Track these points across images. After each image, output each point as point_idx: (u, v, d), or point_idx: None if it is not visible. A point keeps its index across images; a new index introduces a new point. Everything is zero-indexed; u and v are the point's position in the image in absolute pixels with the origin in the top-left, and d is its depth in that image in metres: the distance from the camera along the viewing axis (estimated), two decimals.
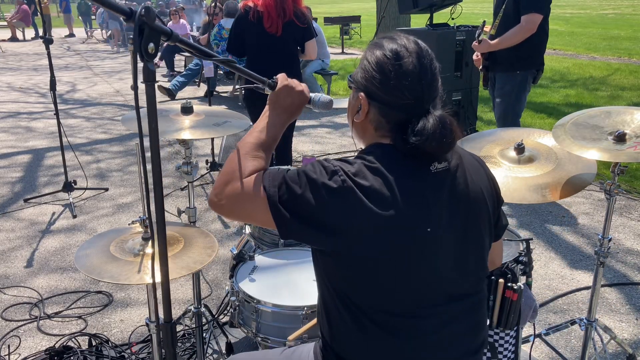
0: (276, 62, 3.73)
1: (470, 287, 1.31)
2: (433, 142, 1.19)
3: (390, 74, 1.23)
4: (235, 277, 2.04)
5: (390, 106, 1.24)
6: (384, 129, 1.26)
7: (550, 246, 3.58)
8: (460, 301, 1.29)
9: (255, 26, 3.69)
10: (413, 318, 1.24)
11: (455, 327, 1.28)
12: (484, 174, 1.37)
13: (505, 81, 4.01)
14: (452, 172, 1.27)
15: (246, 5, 3.75)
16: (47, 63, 4.12)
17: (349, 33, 16.12)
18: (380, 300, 1.23)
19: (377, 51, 1.27)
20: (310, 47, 3.85)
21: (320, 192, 1.19)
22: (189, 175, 2.21)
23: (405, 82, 1.22)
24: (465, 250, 1.28)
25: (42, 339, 2.67)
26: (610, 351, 2.52)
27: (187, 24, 10.68)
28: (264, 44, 3.73)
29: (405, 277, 1.21)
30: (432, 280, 1.24)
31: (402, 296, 1.23)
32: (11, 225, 3.99)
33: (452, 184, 1.26)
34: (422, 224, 1.21)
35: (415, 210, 1.20)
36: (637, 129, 1.93)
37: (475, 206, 1.30)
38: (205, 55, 1.32)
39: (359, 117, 1.29)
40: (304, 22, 3.74)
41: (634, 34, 14.82)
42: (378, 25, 7.01)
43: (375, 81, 1.25)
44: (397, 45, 1.26)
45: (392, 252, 1.19)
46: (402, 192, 1.19)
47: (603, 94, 7.99)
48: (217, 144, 5.28)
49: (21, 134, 6.52)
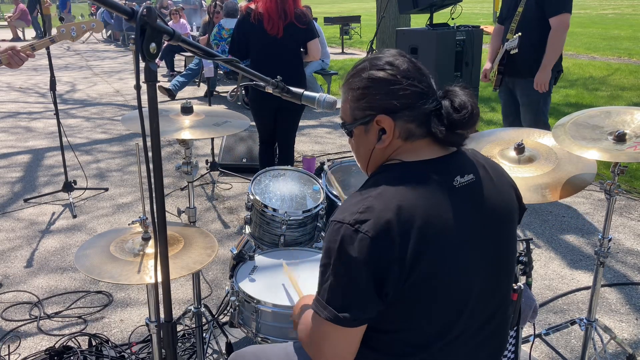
0: (279, 64, 3.73)
1: (496, 306, 1.30)
2: (475, 110, 1.22)
3: (396, 77, 1.22)
4: (235, 277, 2.04)
5: (412, 105, 1.21)
6: (417, 133, 1.23)
7: (550, 246, 3.58)
8: (487, 323, 1.28)
9: (257, 28, 3.68)
10: (447, 343, 1.22)
11: (482, 346, 1.28)
12: (507, 182, 1.35)
13: (530, 89, 3.88)
14: (479, 185, 1.24)
15: (248, 8, 3.74)
16: (47, 63, 4.12)
17: (349, 33, 16.12)
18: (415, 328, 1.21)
19: (365, 74, 1.25)
20: (313, 47, 3.83)
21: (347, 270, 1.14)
22: (189, 175, 2.21)
23: (411, 75, 1.23)
24: (496, 268, 1.26)
25: (42, 339, 2.67)
26: (610, 351, 2.52)
27: (187, 24, 10.68)
28: (265, 46, 3.73)
29: (438, 304, 1.19)
30: (464, 302, 1.22)
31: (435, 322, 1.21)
32: (11, 225, 3.99)
33: (480, 199, 1.23)
34: (452, 247, 1.17)
35: (445, 233, 1.16)
36: (637, 129, 1.93)
37: (506, 219, 1.28)
38: (207, 54, 1.32)
39: (383, 142, 1.24)
40: (305, 22, 3.73)
41: (634, 34, 14.82)
42: (378, 25, 7.00)
43: (387, 94, 1.22)
44: (381, 60, 1.26)
45: (428, 284, 1.16)
46: (433, 222, 1.14)
47: (603, 94, 7.98)
48: (217, 144, 5.28)
49: (21, 134, 6.52)
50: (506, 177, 1.36)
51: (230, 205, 4.36)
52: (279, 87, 1.66)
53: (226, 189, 4.71)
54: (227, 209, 4.29)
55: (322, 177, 2.61)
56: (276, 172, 2.63)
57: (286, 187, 2.54)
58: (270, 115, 3.90)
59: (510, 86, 4.08)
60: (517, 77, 3.97)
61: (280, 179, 2.59)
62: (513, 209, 1.33)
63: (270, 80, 1.48)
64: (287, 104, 2.06)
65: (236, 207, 4.31)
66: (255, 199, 2.38)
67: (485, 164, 1.31)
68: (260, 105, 3.87)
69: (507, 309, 1.35)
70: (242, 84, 3.53)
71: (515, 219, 1.34)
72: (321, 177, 2.62)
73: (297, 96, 1.70)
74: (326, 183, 2.55)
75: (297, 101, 1.71)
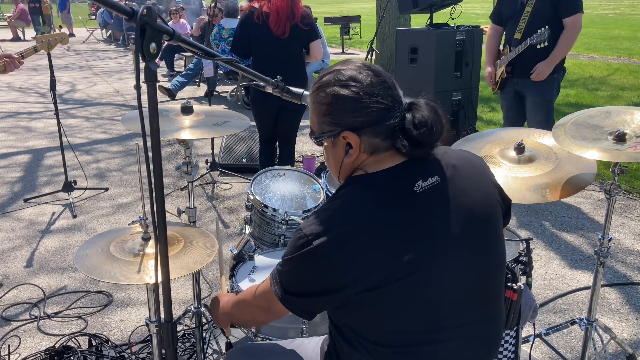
0: (282, 64, 3.73)
1: (484, 304, 1.30)
2: (436, 127, 1.22)
3: (359, 94, 1.22)
4: (235, 277, 2.04)
5: (377, 121, 1.21)
6: (381, 147, 1.24)
7: (550, 246, 3.58)
8: (476, 321, 1.27)
9: (260, 28, 3.67)
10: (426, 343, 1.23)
11: (469, 346, 1.28)
12: (489, 180, 1.34)
13: (543, 88, 3.86)
14: (443, 186, 1.23)
15: (251, 7, 3.74)
16: (46, 63, 4.12)
17: (349, 33, 16.11)
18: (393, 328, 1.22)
19: (329, 89, 1.24)
20: (315, 47, 3.83)
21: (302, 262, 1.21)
22: (189, 175, 2.20)
23: (375, 91, 1.22)
24: (475, 266, 1.25)
25: (42, 339, 2.67)
26: (610, 351, 2.52)
27: (187, 24, 10.68)
28: (269, 45, 3.72)
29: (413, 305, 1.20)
30: (442, 302, 1.22)
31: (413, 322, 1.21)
32: (11, 225, 3.99)
33: (446, 200, 1.22)
34: (420, 249, 1.18)
35: (408, 237, 1.18)
36: (637, 129, 1.93)
37: (483, 217, 1.27)
38: (207, 54, 1.32)
39: (350, 156, 1.25)
40: (308, 23, 3.74)
41: (634, 34, 14.82)
42: (378, 25, 7.00)
43: (352, 111, 1.22)
44: (344, 75, 1.24)
45: (397, 287, 1.17)
46: (388, 224, 1.17)
47: (603, 94, 7.99)
48: (217, 144, 5.28)
49: (21, 134, 6.52)
50: (485, 172, 1.34)
51: (230, 205, 4.36)
52: (279, 87, 1.66)
53: (226, 189, 4.71)
54: (227, 209, 4.29)
55: (322, 177, 2.61)
56: (276, 172, 2.63)
57: (286, 187, 2.54)
58: (272, 115, 3.90)
59: (518, 87, 4.00)
60: (528, 77, 3.87)
61: (280, 179, 2.59)
62: (492, 204, 1.31)
63: (270, 80, 1.48)
64: (289, 104, 2.06)
65: (236, 207, 4.31)
66: (255, 199, 2.38)
67: (458, 162, 1.29)
68: (262, 105, 3.87)
69: (495, 307, 1.33)
70: (242, 84, 3.53)
71: (496, 215, 1.31)
72: (321, 177, 2.62)
73: (297, 96, 1.70)
74: (326, 183, 2.55)
75: (297, 101, 1.71)
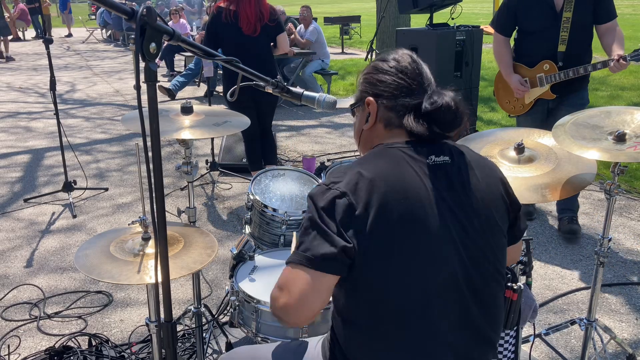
0: (252, 60, 3.77)
1: (482, 281, 1.30)
2: (447, 112, 1.29)
3: (391, 70, 1.36)
4: (235, 277, 2.04)
5: (396, 95, 1.33)
6: (395, 123, 1.34)
7: (550, 246, 3.58)
8: (473, 295, 1.28)
9: (230, 27, 3.95)
10: (424, 318, 1.23)
11: (467, 318, 1.28)
12: (496, 176, 1.37)
13: (584, 97, 3.69)
14: (455, 168, 1.30)
15: (218, 7, 3.95)
16: (46, 63, 4.12)
17: (349, 33, 16.12)
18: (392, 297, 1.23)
19: (374, 63, 1.41)
20: (281, 40, 4.14)
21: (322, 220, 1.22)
22: (189, 175, 2.21)
23: (407, 71, 1.35)
24: (474, 244, 1.27)
25: (42, 339, 2.67)
26: (610, 351, 2.52)
27: (187, 24, 10.68)
28: (240, 44, 3.96)
29: (414, 270, 1.22)
30: (439, 273, 1.23)
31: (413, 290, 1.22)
32: (11, 225, 3.99)
33: (454, 181, 1.28)
34: (423, 216, 1.22)
35: (415, 201, 1.22)
36: (637, 129, 1.93)
37: (487, 209, 1.30)
38: (207, 54, 1.32)
39: (368, 124, 1.38)
40: (274, 20, 4.06)
41: (634, 34, 14.81)
42: (378, 25, 7.01)
43: (378, 81, 1.36)
44: (390, 55, 1.40)
45: (399, 247, 1.20)
46: (397, 187, 1.22)
47: (603, 94, 7.99)
48: (217, 144, 5.28)
49: (21, 134, 6.52)
50: (494, 172, 1.38)
51: (230, 205, 4.36)
52: (279, 87, 1.66)
53: (226, 189, 4.71)
54: (227, 209, 4.29)
55: (322, 177, 2.61)
56: (276, 172, 2.63)
57: (286, 187, 2.55)
58: (252, 108, 4.11)
59: (552, 106, 3.62)
60: (570, 93, 3.58)
61: (280, 179, 2.59)
62: (497, 199, 1.33)
63: (270, 80, 1.48)
64: (264, 95, 2.09)
65: (236, 207, 4.31)
66: (255, 199, 2.39)
67: (470, 157, 1.35)
68: (242, 103, 3.90)
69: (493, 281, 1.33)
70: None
71: (500, 212, 1.33)
72: (321, 177, 2.62)
73: (297, 96, 1.70)
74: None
75: (297, 101, 1.71)
